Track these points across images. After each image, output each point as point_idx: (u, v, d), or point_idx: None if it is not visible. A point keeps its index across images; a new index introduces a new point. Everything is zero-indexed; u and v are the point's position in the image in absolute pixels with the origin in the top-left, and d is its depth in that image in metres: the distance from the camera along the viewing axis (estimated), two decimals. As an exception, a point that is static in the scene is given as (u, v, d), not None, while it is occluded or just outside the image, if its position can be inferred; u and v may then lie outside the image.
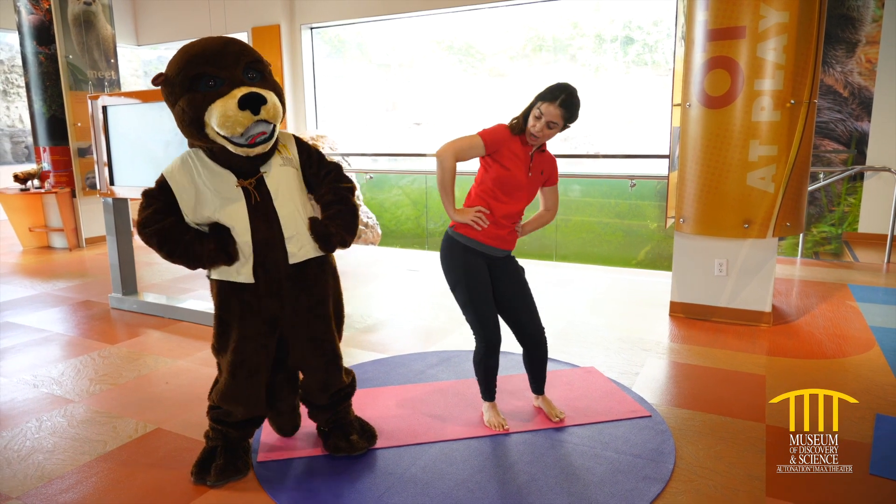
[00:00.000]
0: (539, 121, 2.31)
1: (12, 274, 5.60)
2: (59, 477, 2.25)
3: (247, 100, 1.89)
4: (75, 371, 3.26)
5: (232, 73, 1.94)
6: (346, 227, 2.21)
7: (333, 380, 2.29)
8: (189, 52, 1.96)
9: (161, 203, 2.05)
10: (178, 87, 1.94)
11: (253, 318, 2.13)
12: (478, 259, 2.45)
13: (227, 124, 1.89)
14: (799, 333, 3.67)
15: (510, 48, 16.50)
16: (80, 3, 6.31)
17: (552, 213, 2.62)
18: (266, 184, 2.09)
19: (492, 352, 2.48)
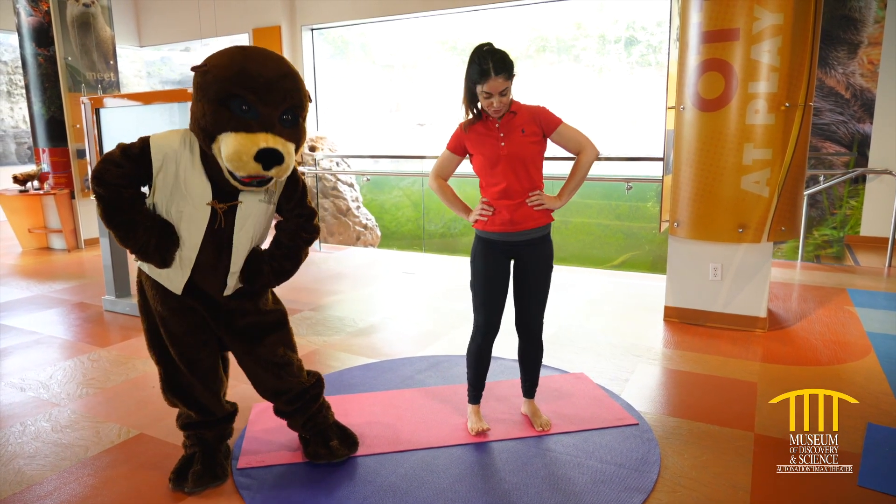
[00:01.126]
0: (491, 99, 2.23)
1: (10, 275, 5.61)
2: (38, 483, 2.24)
3: (265, 155, 1.82)
4: (64, 374, 3.25)
5: (270, 112, 1.85)
6: (278, 274, 2.18)
7: (285, 385, 2.24)
8: (245, 65, 1.83)
9: (133, 167, 1.94)
10: (213, 91, 1.83)
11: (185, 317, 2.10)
12: (497, 249, 2.41)
13: (233, 162, 1.82)
14: (794, 339, 3.63)
15: (513, 49, 16.43)
16: (79, 4, 6.32)
17: (586, 152, 2.38)
18: (235, 213, 2.03)
19: (486, 339, 2.46)
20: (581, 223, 7.92)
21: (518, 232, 2.38)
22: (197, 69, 1.87)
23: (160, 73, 12.15)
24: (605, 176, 6.05)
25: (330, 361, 3.39)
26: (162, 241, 1.97)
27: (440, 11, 8.25)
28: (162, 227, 1.98)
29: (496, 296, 2.44)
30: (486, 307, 2.44)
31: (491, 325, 2.46)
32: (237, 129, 1.83)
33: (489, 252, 2.42)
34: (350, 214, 7.66)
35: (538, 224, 2.41)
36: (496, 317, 2.46)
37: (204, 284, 2.07)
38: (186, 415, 2.24)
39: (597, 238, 7.87)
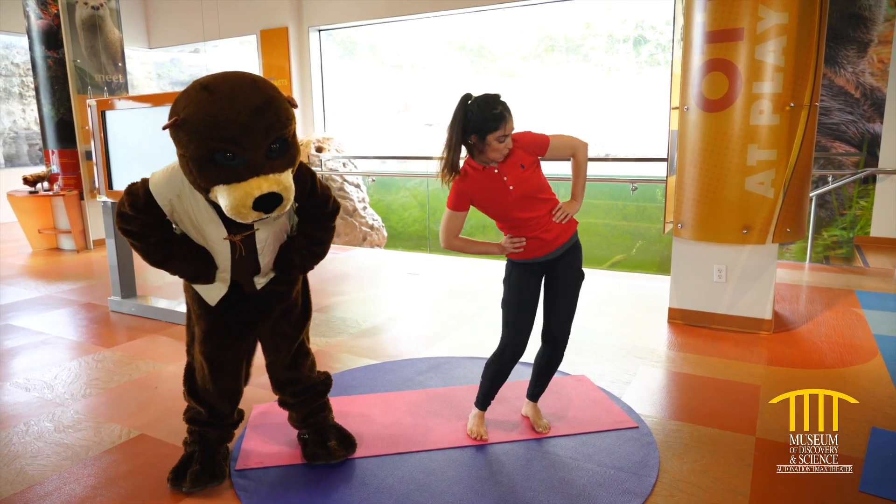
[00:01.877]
0: (504, 142, 2.20)
1: (19, 276, 5.67)
2: (39, 483, 2.26)
3: (263, 202, 1.78)
4: (68, 375, 3.28)
5: (255, 154, 1.77)
6: (311, 260, 2.20)
7: (298, 375, 2.30)
8: (214, 116, 1.72)
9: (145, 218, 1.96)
10: (192, 146, 1.75)
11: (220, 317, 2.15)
12: (532, 269, 2.38)
13: (235, 215, 1.80)
14: (799, 342, 3.59)
15: (522, 48, 16.43)
16: (87, 7, 6.37)
17: (578, 152, 2.39)
18: (255, 238, 2.05)
19: (511, 354, 2.42)
20: (588, 223, 7.89)
21: (553, 251, 2.36)
22: (168, 126, 1.79)
23: (170, 75, 12.23)
24: (610, 176, 6.02)
25: (332, 362, 3.40)
26: (202, 267, 2.04)
27: (448, 12, 8.25)
28: (198, 252, 2.04)
29: (529, 316, 2.41)
30: (521, 328, 2.40)
31: (520, 345, 2.42)
32: (228, 182, 1.77)
33: (524, 273, 2.39)
34: (356, 215, 7.68)
35: (571, 235, 2.40)
36: (527, 336, 2.42)
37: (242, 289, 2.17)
38: (196, 410, 2.25)
39: (604, 238, 7.83)
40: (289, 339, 2.27)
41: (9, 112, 10.01)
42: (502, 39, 15.69)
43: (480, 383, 2.55)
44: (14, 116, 10.07)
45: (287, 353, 2.29)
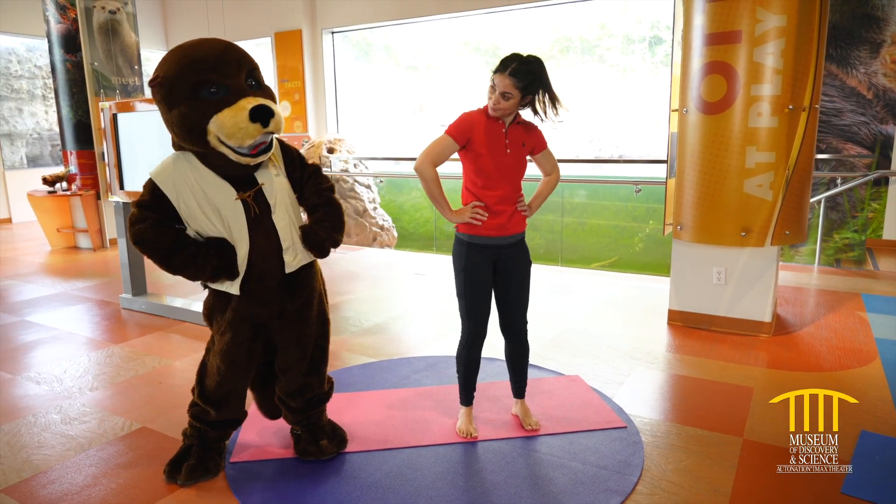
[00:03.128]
0: (494, 92, 2.29)
1: (38, 273, 5.84)
2: (43, 472, 2.35)
3: (257, 112, 1.91)
4: (77, 369, 3.39)
5: (235, 81, 1.94)
6: (335, 228, 2.26)
7: (312, 385, 2.35)
8: (189, 55, 1.92)
9: (157, 215, 2.03)
10: (177, 92, 1.92)
11: (241, 324, 2.19)
12: (483, 254, 2.43)
13: (236, 135, 1.91)
14: (798, 345, 3.58)
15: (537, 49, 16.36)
16: (104, 12, 6.53)
17: (554, 175, 2.57)
18: (265, 195, 2.12)
19: (474, 343, 2.50)
20: (596, 224, 7.89)
21: (507, 236, 2.43)
22: (153, 82, 1.95)
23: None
24: (614, 178, 6.03)
25: (332, 360, 3.45)
26: (223, 258, 2.07)
27: (460, 14, 8.30)
28: (215, 246, 2.07)
29: (487, 303, 2.49)
30: (478, 315, 2.48)
31: (482, 331, 2.51)
32: (220, 108, 1.92)
33: (477, 258, 2.44)
34: (367, 215, 7.76)
35: (523, 229, 2.51)
36: (485, 322, 2.51)
37: (265, 273, 2.13)
38: (204, 410, 2.30)
39: (613, 240, 7.82)
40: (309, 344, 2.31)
41: (32, 113, 10.25)
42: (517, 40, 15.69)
43: (457, 379, 2.61)
44: (37, 118, 10.31)
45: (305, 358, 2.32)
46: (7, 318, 4.38)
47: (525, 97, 2.31)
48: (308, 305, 2.30)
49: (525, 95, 2.30)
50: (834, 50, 6.11)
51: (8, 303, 4.77)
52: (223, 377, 2.24)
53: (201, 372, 2.33)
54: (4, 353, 3.65)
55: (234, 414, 2.33)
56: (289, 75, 9.44)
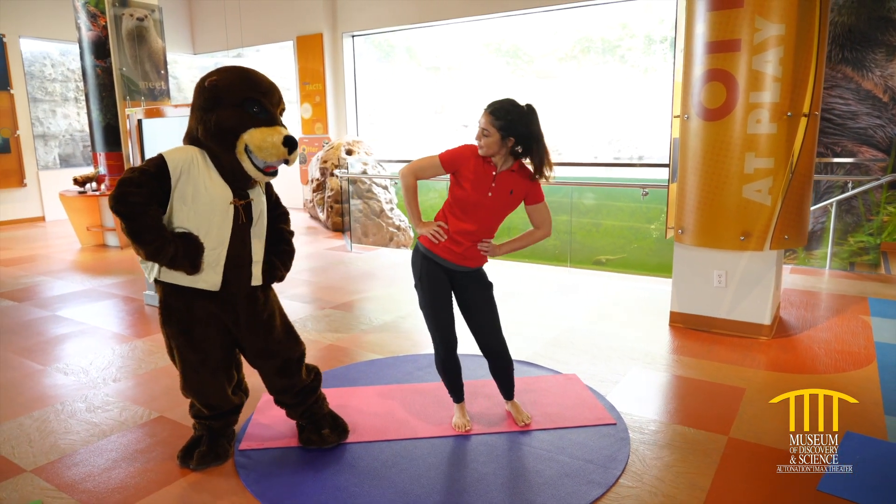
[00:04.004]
0: (478, 130, 2.41)
1: (69, 270, 6.12)
2: (68, 455, 2.55)
3: (289, 140, 2.19)
4: (102, 361, 3.61)
5: (274, 112, 2.25)
6: (288, 258, 2.53)
7: (292, 382, 2.49)
8: (249, 76, 2.21)
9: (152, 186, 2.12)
10: (227, 97, 2.14)
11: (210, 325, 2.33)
12: (437, 267, 2.56)
13: (265, 150, 2.16)
14: (797, 347, 3.64)
15: (558, 50, 16.43)
16: (133, 19, 6.80)
17: (542, 231, 2.60)
18: (252, 209, 2.32)
19: (448, 353, 2.62)
20: (608, 225, 7.95)
21: (459, 265, 2.56)
22: (209, 81, 2.14)
23: (214, 78, 12.77)
24: (622, 181, 6.09)
25: (339, 357, 3.63)
26: (189, 250, 2.18)
27: (480, 17, 8.42)
28: (185, 237, 2.18)
29: (447, 311, 2.59)
30: (442, 324, 2.58)
31: (449, 339, 2.60)
32: (260, 125, 2.18)
33: (433, 271, 2.56)
34: (384, 216, 7.93)
35: (480, 264, 2.63)
36: (452, 330, 2.60)
37: (233, 279, 2.29)
38: (198, 408, 2.49)
39: (627, 241, 7.87)
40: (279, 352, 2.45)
41: (65, 115, 10.63)
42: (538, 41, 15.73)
43: (444, 384, 2.74)
44: (70, 119, 10.69)
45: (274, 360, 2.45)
46: (39, 312, 4.63)
47: (506, 139, 2.38)
48: (272, 317, 2.45)
49: (505, 137, 2.38)
50: (849, 53, 6.09)
51: (40, 298, 5.04)
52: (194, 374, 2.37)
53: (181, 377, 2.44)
54: (36, 346, 3.89)
55: (223, 406, 2.47)
56: (310, 78, 9.66)
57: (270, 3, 9.89)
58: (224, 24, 10.58)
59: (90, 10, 6.81)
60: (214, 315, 2.33)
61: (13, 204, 9.00)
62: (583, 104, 15.37)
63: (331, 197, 8.04)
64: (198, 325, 2.31)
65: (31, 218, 9.20)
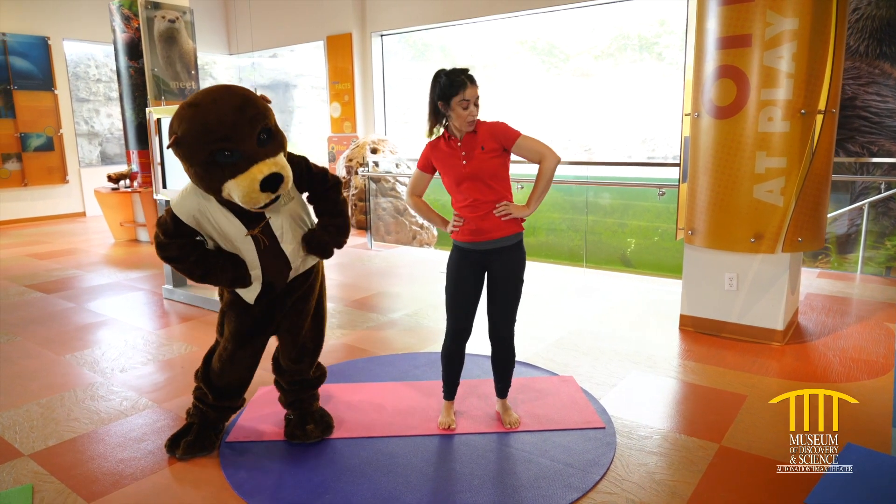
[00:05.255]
0: (468, 108, 2.39)
1: (100, 263, 6.35)
2: (64, 442, 2.65)
3: (267, 182, 2.09)
4: (113, 353, 3.73)
5: (248, 144, 2.08)
6: (339, 232, 2.51)
7: (300, 370, 2.58)
8: (205, 122, 2.03)
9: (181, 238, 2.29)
10: (194, 155, 2.08)
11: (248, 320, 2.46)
12: (470, 259, 2.56)
13: (248, 202, 2.12)
14: (810, 354, 3.50)
15: (594, 47, 16.19)
16: (164, 21, 7.00)
17: (546, 161, 2.49)
18: (272, 227, 2.35)
19: (456, 342, 2.62)
20: (636, 226, 7.78)
21: (487, 241, 2.52)
22: (171, 145, 2.12)
23: (251, 78, 13.04)
24: (639, 180, 5.97)
25: (341, 353, 3.66)
26: (237, 270, 2.34)
27: (510, 14, 8.37)
28: (231, 260, 2.34)
29: (464, 302, 2.59)
30: (455, 312, 2.60)
31: (459, 329, 2.61)
32: (234, 175, 2.09)
33: (462, 260, 2.57)
34: (407, 214, 7.96)
35: (507, 234, 2.53)
36: (464, 322, 2.60)
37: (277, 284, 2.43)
38: (204, 392, 2.56)
39: (654, 243, 7.70)
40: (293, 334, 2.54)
41: (108, 114, 11.03)
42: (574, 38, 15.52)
43: (442, 374, 2.73)
44: (112, 118, 11.09)
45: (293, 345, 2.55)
46: (65, 304, 4.82)
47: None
48: (304, 299, 2.53)
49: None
50: (888, 48, 5.82)
51: (68, 290, 5.24)
52: (226, 368, 2.49)
53: (208, 358, 2.56)
54: (56, 336, 4.05)
55: (233, 397, 2.56)
56: (339, 77, 9.78)
57: (302, 4, 10.05)
58: (257, 24, 10.81)
59: (124, 12, 7.04)
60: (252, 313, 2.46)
61: (56, 199, 9.39)
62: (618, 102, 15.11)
63: (355, 195, 8.12)
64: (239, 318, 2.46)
65: (73, 213, 9.57)
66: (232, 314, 2.47)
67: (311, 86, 12.80)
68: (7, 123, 8.81)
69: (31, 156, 9.06)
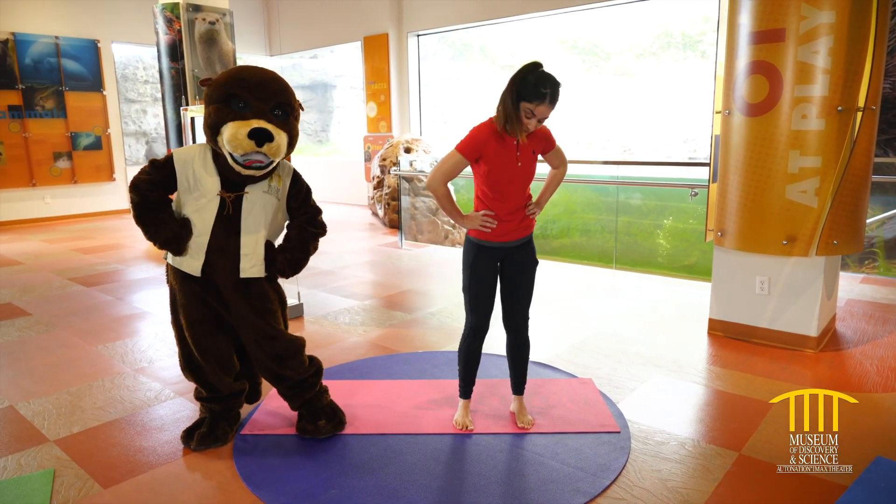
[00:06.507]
0: (531, 120, 2.31)
1: (139, 259, 6.56)
2: (88, 430, 2.73)
3: (256, 132, 2.21)
4: (142, 343, 3.84)
5: (261, 105, 2.26)
6: (292, 264, 2.54)
7: (286, 374, 2.54)
8: (240, 73, 2.29)
9: (159, 176, 2.36)
10: (214, 95, 2.27)
11: (200, 307, 2.46)
12: (490, 255, 2.53)
13: (232, 143, 2.22)
14: (845, 362, 3.35)
15: (637, 46, 15.88)
16: (205, 23, 7.18)
17: (563, 168, 2.63)
18: (242, 202, 2.39)
19: (475, 334, 2.60)
20: (672, 227, 7.59)
21: (517, 240, 2.54)
22: (204, 82, 2.32)
23: (291, 79, 13.28)
24: (671, 181, 5.82)
25: (363, 350, 3.68)
26: (178, 233, 2.37)
27: (547, 13, 8.30)
28: (178, 222, 2.39)
29: (490, 299, 2.58)
30: (481, 310, 2.57)
31: (484, 326, 2.61)
32: (234, 119, 2.25)
33: (484, 258, 2.54)
34: (440, 213, 7.96)
35: (531, 232, 2.59)
36: (489, 318, 2.61)
37: (218, 268, 2.40)
38: (198, 389, 2.63)
39: (690, 244, 7.50)
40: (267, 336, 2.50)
41: (155, 114, 11.39)
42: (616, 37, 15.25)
43: (458, 371, 2.71)
44: (159, 119, 11.43)
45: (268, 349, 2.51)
46: (103, 297, 4.99)
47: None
48: (265, 309, 2.50)
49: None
50: (943, 42, 5.52)
51: (107, 284, 5.42)
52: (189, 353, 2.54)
53: (182, 359, 2.59)
54: (91, 328, 4.19)
55: (220, 389, 2.56)
56: (376, 77, 9.86)
57: (340, 5, 10.17)
58: (296, 26, 10.99)
59: (167, 15, 7.25)
60: (201, 298, 2.44)
61: (103, 196, 9.74)
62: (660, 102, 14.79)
63: (388, 194, 8.17)
64: (189, 306, 2.44)
65: (119, 210, 9.91)
66: (182, 297, 2.45)
67: (351, 86, 12.94)
68: (59, 123, 9.19)
69: (81, 154, 9.43)
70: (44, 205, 9.21)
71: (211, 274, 2.40)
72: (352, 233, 8.01)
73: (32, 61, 8.96)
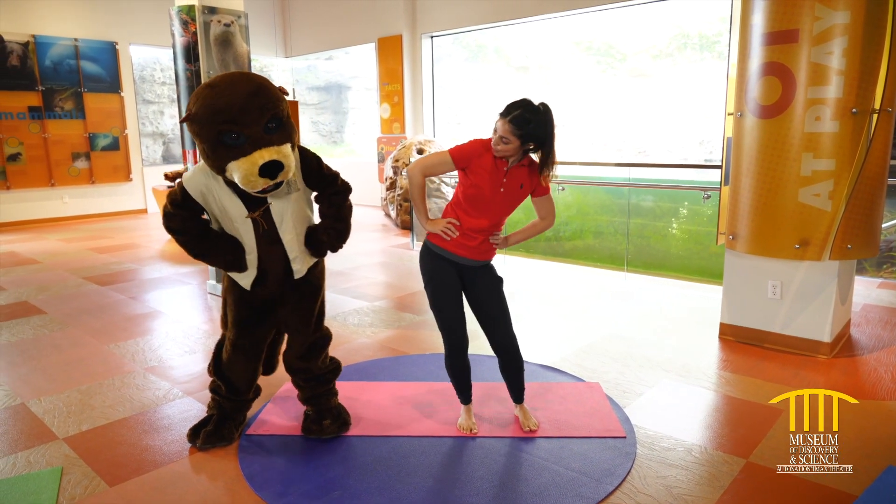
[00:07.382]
0: (495, 134, 2.37)
1: (155, 258, 6.63)
2: (97, 428, 2.77)
3: (267, 168, 2.15)
4: (155, 342, 3.88)
5: (254, 129, 2.15)
6: (337, 238, 2.55)
7: (308, 365, 2.60)
8: (215, 103, 2.12)
9: (184, 210, 2.37)
10: (203, 132, 2.16)
11: (249, 312, 2.51)
12: (447, 265, 2.54)
13: (247, 184, 2.19)
14: (859, 369, 3.29)
15: (653, 47, 15.75)
16: (220, 25, 7.24)
17: (547, 221, 2.61)
18: (271, 213, 2.40)
19: (457, 353, 2.58)
20: (685, 229, 7.52)
21: (474, 260, 2.54)
22: (184, 121, 2.21)
23: (306, 80, 13.36)
24: (683, 183, 5.76)
25: (371, 351, 3.68)
26: (235, 253, 2.41)
27: (559, 14, 8.27)
28: (230, 243, 2.41)
29: (459, 311, 2.56)
30: (454, 326, 2.56)
31: (462, 345, 2.59)
32: (237, 157, 2.16)
33: (443, 270, 2.54)
34: (451, 215, 7.97)
35: (491, 258, 2.61)
36: (462, 331, 2.58)
37: (272, 275, 2.47)
38: (217, 384, 2.65)
39: (704, 248, 7.42)
40: (303, 334, 2.59)
41: (172, 115, 11.51)
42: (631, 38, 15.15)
43: (452, 384, 2.70)
44: (175, 120, 11.55)
45: (301, 345, 2.60)
46: (116, 296, 5.05)
47: (525, 144, 2.36)
48: (308, 297, 2.57)
49: (524, 143, 2.35)
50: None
51: (123, 283, 5.49)
52: (231, 358, 2.56)
53: (218, 351, 2.64)
54: (103, 326, 4.24)
55: (244, 391, 2.63)
56: (389, 78, 9.88)
57: (354, 6, 10.21)
58: (311, 28, 11.05)
59: (182, 17, 7.32)
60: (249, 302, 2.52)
61: (120, 196, 9.86)
62: (676, 103, 14.67)
63: (400, 195, 8.18)
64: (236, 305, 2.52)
65: (135, 210, 10.04)
66: (231, 302, 2.53)
67: (365, 87, 12.98)
68: (77, 124, 9.32)
69: (99, 155, 9.56)
70: (62, 204, 9.35)
71: (263, 283, 2.46)
72: (364, 234, 8.03)
73: (52, 63, 9.10)
